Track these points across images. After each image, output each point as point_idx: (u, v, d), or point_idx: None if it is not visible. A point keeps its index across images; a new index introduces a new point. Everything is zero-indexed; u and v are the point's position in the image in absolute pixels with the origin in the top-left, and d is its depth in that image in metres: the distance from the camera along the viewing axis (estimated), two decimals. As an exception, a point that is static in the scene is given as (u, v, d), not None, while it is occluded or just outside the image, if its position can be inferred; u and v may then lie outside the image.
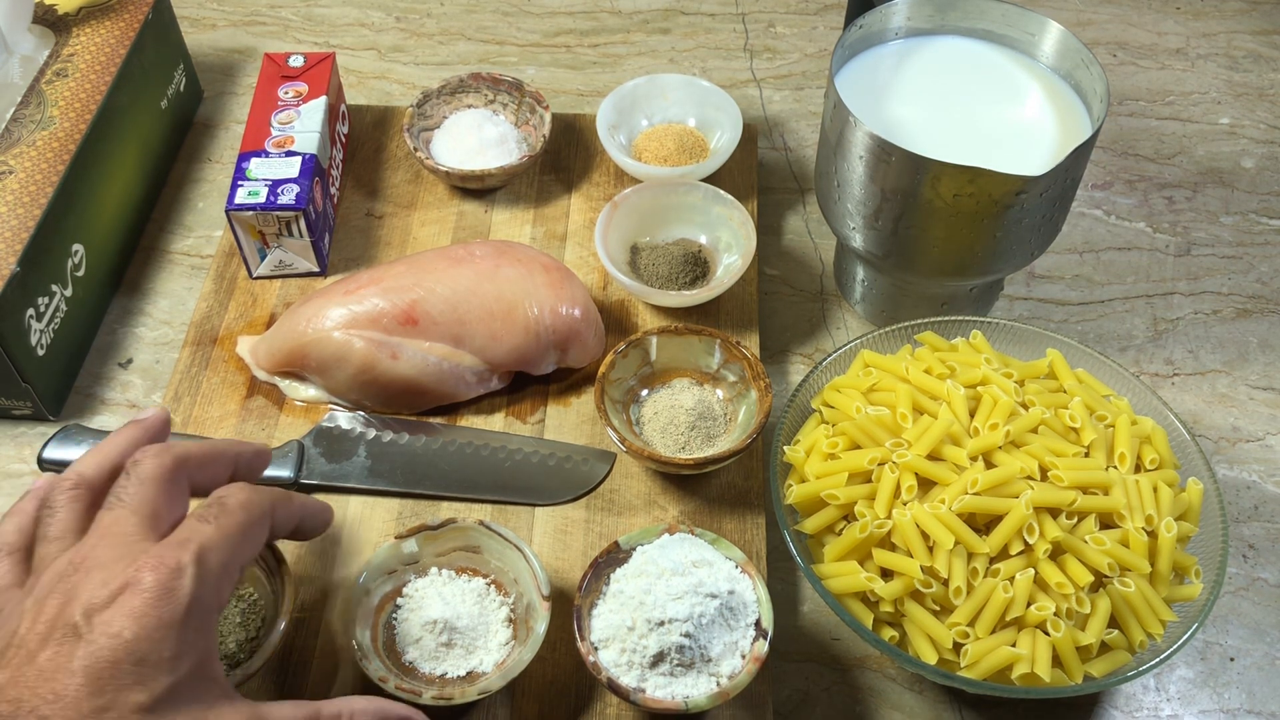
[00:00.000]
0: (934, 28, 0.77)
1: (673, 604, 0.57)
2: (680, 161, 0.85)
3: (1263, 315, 0.84)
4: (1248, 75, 1.03)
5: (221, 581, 0.44)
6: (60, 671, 0.40)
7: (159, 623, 0.41)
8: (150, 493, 0.46)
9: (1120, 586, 0.58)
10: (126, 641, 0.40)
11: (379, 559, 0.61)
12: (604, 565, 0.61)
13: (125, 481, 0.47)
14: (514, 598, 0.62)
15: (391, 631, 0.61)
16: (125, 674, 0.40)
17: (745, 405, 0.70)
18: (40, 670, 0.40)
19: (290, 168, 0.78)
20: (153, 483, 0.47)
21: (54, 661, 0.40)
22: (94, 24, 0.85)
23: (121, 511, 0.46)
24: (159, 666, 0.41)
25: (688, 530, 0.62)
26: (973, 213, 0.67)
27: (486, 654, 0.60)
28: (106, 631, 0.41)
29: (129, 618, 0.41)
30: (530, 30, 1.06)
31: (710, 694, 0.56)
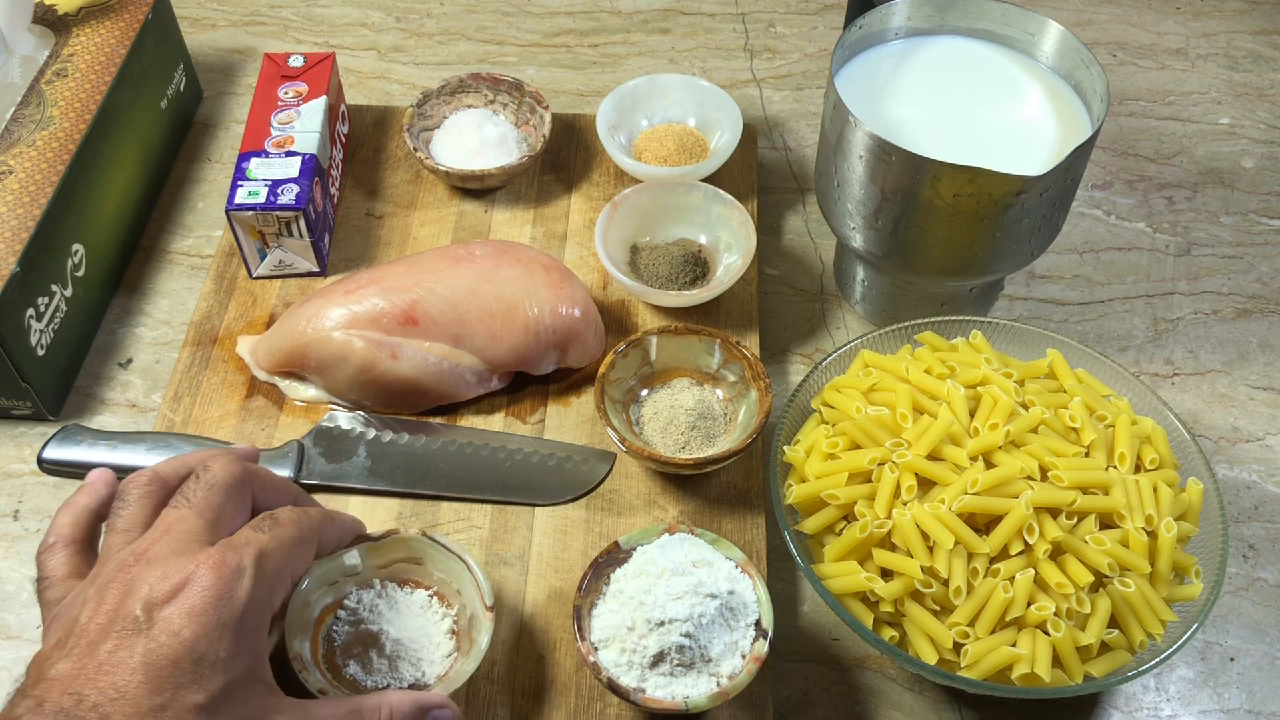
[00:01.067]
0: (934, 28, 0.77)
1: (673, 604, 0.57)
2: (680, 161, 0.85)
3: (1263, 315, 0.84)
4: (1248, 75, 1.03)
5: (276, 588, 0.45)
6: (121, 666, 0.40)
7: (217, 623, 0.42)
8: (216, 498, 0.47)
9: (1120, 586, 0.58)
10: (185, 640, 0.41)
11: (319, 570, 0.59)
12: (604, 565, 0.61)
13: (194, 484, 0.48)
14: (457, 609, 0.61)
15: (332, 644, 0.60)
16: (184, 673, 0.41)
17: (745, 405, 0.70)
18: (101, 664, 0.41)
19: (290, 168, 0.78)
20: (220, 489, 0.48)
21: (115, 655, 0.41)
22: (94, 24, 0.85)
23: (187, 511, 0.47)
24: (216, 666, 0.41)
25: (688, 530, 0.62)
26: (973, 213, 0.67)
27: (429, 666, 0.59)
28: (167, 629, 0.41)
29: (188, 616, 0.42)
30: (530, 30, 1.06)
31: (710, 694, 0.56)
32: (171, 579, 0.43)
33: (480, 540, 0.67)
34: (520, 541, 0.67)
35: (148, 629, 0.41)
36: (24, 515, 0.70)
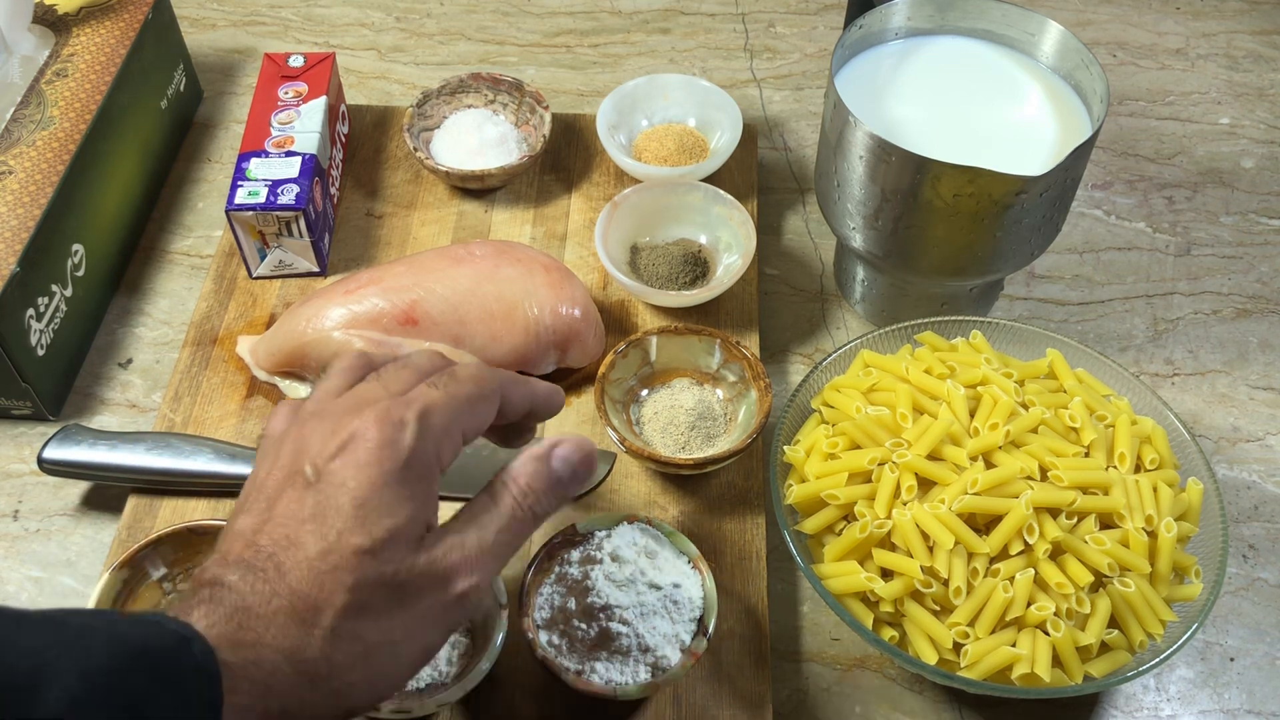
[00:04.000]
0: (934, 28, 0.77)
1: (615, 591, 0.58)
2: (680, 161, 0.85)
3: (1263, 315, 0.84)
4: (1248, 75, 1.03)
5: (443, 442, 0.46)
6: (292, 518, 0.43)
7: (380, 474, 0.43)
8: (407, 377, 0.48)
9: (1120, 586, 0.58)
10: (349, 491, 0.43)
11: None
12: (558, 546, 0.62)
13: (393, 365, 0.49)
14: None
15: None
16: (348, 520, 0.42)
17: (745, 405, 0.70)
18: (275, 516, 0.43)
19: (290, 168, 0.78)
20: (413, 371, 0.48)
21: (288, 509, 0.43)
22: (94, 24, 0.85)
23: (374, 384, 0.48)
24: (379, 513, 0.43)
25: (645, 521, 0.62)
26: (973, 213, 0.67)
27: (446, 665, 0.59)
28: (332, 482, 0.43)
29: (353, 469, 0.43)
30: (530, 30, 1.06)
31: (642, 684, 0.57)
32: (339, 435, 0.45)
33: (480, 540, 0.67)
34: (520, 541, 0.67)
35: (315, 483, 0.43)
36: (24, 515, 0.70)
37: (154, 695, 0.37)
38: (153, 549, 0.62)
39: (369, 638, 0.42)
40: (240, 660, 0.39)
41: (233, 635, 0.40)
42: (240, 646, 0.40)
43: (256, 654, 0.40)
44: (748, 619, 0.64)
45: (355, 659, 0.42)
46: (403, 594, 0.43)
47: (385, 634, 0.43)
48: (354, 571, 0.42)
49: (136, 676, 0.36)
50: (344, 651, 0.42)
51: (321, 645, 0.41)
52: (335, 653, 0.41)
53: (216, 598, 0.41)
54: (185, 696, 0.37)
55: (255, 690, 0.39)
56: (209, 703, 0.38)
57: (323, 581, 0.41)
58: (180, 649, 0.38)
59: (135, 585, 0.61)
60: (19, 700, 0.34)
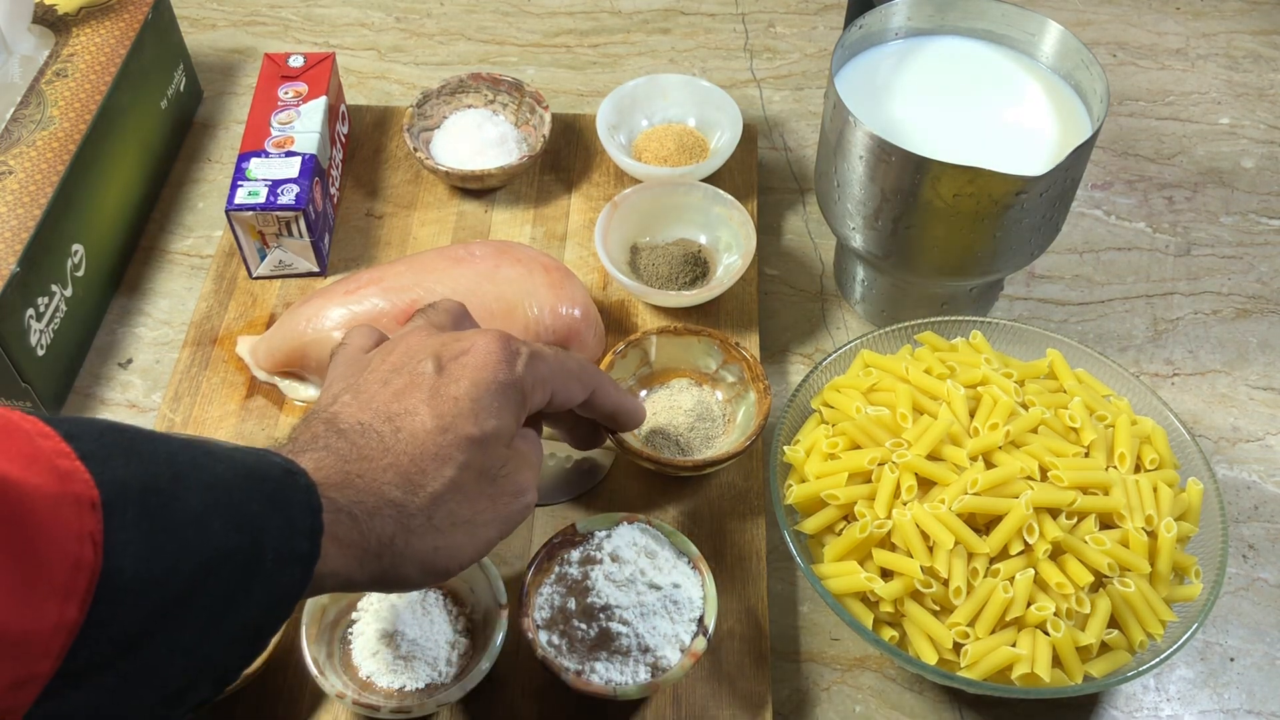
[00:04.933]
0: (934, 28, 0.77)
1: (615, 591, 0.58)
2: (680, 161, 0.85)
3: (1263, 315, 0.84)
4: (1248, 75, 1.03)
5: (538, 387, 0.51)
6: (410, 395, 0.48)
7: (493, 381, 0.49)
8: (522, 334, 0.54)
9: (1120, 586, 0.58)
10: (466, 386, 0.48)
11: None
12: (558, 546, 0.62)
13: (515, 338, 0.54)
14: (470, 607, 0.62)
15: (348, 646, 0.60)
16: (463, 409, 0.48)
17: (744, 407, 0.70)
18: (392, 393, 0.48)
19: (290, 168, 0.78)
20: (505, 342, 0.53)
21: (405, 389, 0.48)
22: (94, 24, 0.85)
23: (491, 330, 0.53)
24: (488, 411, 0.48)
25: (645, 521, 0.62)
26: (973, 213, 0.67)
27: (446, 665, 0.59)
28: (451, 375, 0.49)
29: (471, 370, 0.49)
30: (530, 30, 1.06)
31: (641, 684, 0.57)
32: (462, 343, 0.50)
33: (480, 540, 0.67)
34: (520, 542, 0.67)
35: (435, 374, 0.49)
36: (24, 515, 0.70)
37: (266, 514, 0.40)
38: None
39: (460, 512, 0.47)
40: (346, 500, 0.43)
41: (341, 479, 0.44)
42: (347, 488, 0.44)
43: (362, 498, 0.44)
44: (748, 619, 0.64)
45: (445, 526, 0.47)
46: (491, 485, 0.49)
47: (472, 513, 0.48)
48: (464, 452, 0.47)
49: (253, 495, 0.40)
50: (439, 517, 0.46)
51: (423, 504, 0.46)
52: (433, 515, 0.46)
53: (329, 447, 0.45)
54: (291, 519, 0.41)
55: (355, 528, 0.43)
56: (310, 530, 0.41)
57: (436, 453, 0.46)
58: (285, 479, 0.42)
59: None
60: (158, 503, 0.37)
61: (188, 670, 0.38)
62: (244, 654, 0.41)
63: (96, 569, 0.34)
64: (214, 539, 0.38)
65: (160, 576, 0.36)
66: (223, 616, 0.38)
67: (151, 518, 0.36)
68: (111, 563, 0.34)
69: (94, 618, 0.34)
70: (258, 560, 0.39)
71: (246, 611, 0.39)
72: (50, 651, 0.33)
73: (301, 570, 0.41)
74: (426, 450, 0.46)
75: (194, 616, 0.37)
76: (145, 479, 0.37)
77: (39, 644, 0.33)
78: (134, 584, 0.35)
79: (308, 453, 0.45)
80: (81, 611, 0.34)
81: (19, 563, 0.33)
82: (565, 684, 0.57)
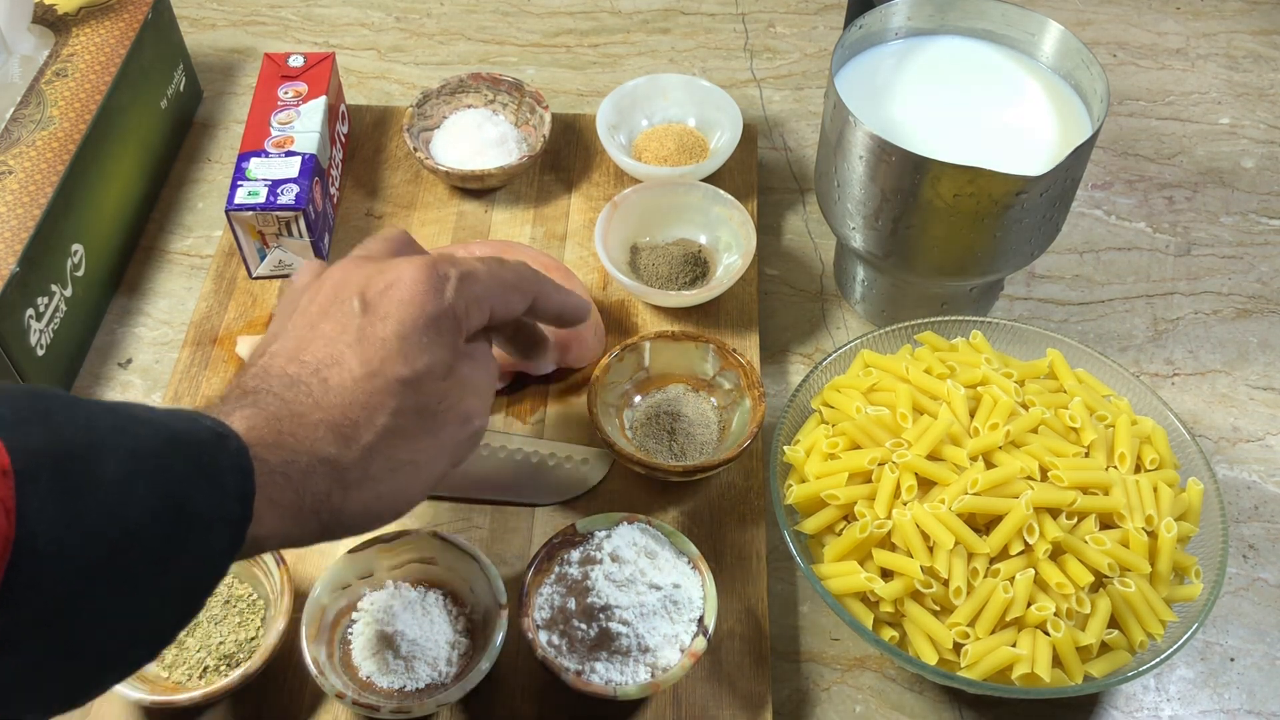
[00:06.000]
0: (934, 28, 0.77)
1: (615, 591, 0.58)
2: (680, 161, 0.85)
3: (1263, 315, 0.84)
4: (1248, 75, 1.03)
5: (473, 309, 0.50)
6: (338, 340, 0.47)
7: (421, 314, 0.47)
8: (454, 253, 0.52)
9: (1120, 587, 0.58)
10: (393, 323, 0.47)
11: (332, 574, 0.60)
12: (558, 546, 0.62)
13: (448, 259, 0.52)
14: (470, 607, 0.62)
15: (348, 646, 0.60)
16: (391, 350, 0.47)
17: (739, 413, 0.70)
18: (320, 336, 0.47)
19: (290, 168, 0.78)
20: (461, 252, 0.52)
21: (332, 332, 0.47)
22: (94, 24, 0.85)
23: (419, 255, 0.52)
24: (419, 348, 0.47)
25: (645, 521, 0.62)
26: (973, 213, 0.66)
27: (446, 665, 0.59)
28: (376, 313, 0.47)
29: (396, 305, 0.47)
30: (530, 30, 1.06)
31: (641, 684, 0.57)
32: (386, 275, 0.48)
33: (480, 540, 0.67)
34: (520, 541, 0.67)
35: (360, 314, 0.47)
36: (24, 515, 0.70)
37: (192, 479, 0.39)
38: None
39: (400, 456, 0.47)
40: (278, 460, 0.43)
41: (273, 438, 0.43)
42: (279, 448, 0.43)
43: (294, 456, 0.43)
44: (748, 619, 0.64)
45: (385, 473, 0.46)
46: (430, 422, 0.48)
47: (412, 454, 0.47)
48: (395, 397, 0.46)
49: (178, 461, 0.39)
50: (377, 465, 0.46)
51: (358, 457, 0.45)
52: (370, 465, 0.46)
53: (259, 404, 0.45)
54: (220, 484, 0.40)
55: (290, 488, 0.43)
56: (241, 494, 0.41)
57: (366, 402, 0.46)
58: (215, 443, 0.41)
59: (135, 585, 0.61)
60: (75, 470, 0.36)
61: (119, 635, 0.38)
62: (178, 616, 0.41)
63: (9, 536, 0.34)
64: (135, 505, 0.37)
65: (78, 544, 0.36)
66: (150, 582, 0.38)
67: (66, 485, 0.36)
68: (25, 529, 0.34)
69: (10, 584, 0.34)
70: (184, 525, 0.39)
71: (175, 576, 0.39)
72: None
73: (232, 533, 0.41)
74: (356, 400, 0.46)
75: (119, 582, 0.37)
76: (61, 446, 0.36)
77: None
78: (50, 551, 0.35)
79: (239, 411, 0.44)
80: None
81: None
82: (565, 684, 0.57)
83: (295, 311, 0.49)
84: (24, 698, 0.36)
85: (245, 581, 0.63)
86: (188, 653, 0.60)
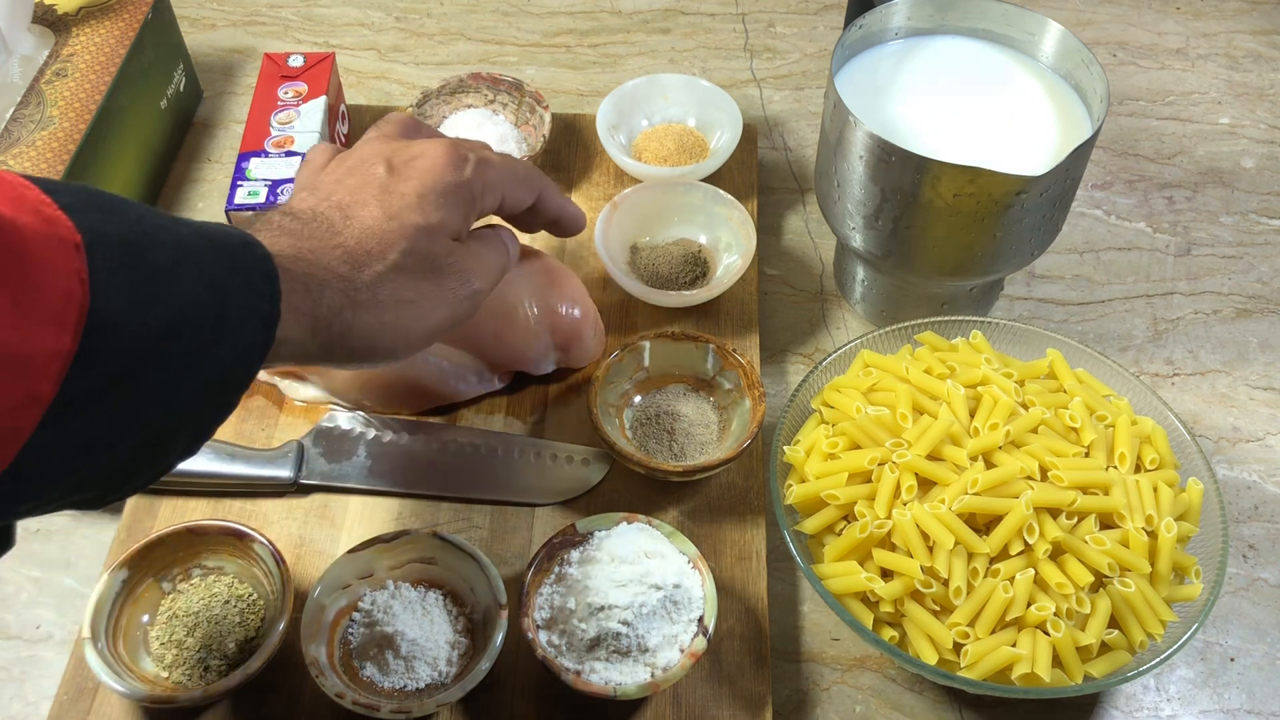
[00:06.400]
0: (934, 28, 0.77)
1: (616, 591, 0.58)
2: (680, 161, 0.85)
3: (1263, 315, 0.84)
4: (1248, 75, 1.03)
5: (487, 191, 0.55)
6: (362, 190, 0.52)
7: (441, 181, 0.53)
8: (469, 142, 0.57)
9: (1120, 587, 0.58)
10: (415, 184, 0.52)
11: (332, 574, 0.60)
12: (558, 546, 0.62)
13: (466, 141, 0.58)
14: (470, 607, 0.62)
15: (348, 647, 0.60)
16: (411, 203, 0.51)
17: (739, 413, 0.70)
18: (346, 188, 0.52)
19: (290, 168, 0.78)
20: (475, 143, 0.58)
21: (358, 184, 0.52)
22: (94, 24, 0.85)
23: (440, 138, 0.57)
24: (435, 205, 0.52)
25: (645, 521, 0.62)
26: (973, 213, 0.67)
27: (446, 665, 0.59)
28: (400, 175, 0.52)
29: (418, 172, 0.53)
30: (530, 30, 1.06)
31: (641, 684, 0.57)
32: (411, 149, 0.54)
33: (480, 540, 0.67)
34: (520, 541, 0.67)
35: (386, 175, 0.52)
36: (24, 515, 0.70)
37: (229, 275, 0.43)
38: (153, 549, 0.62)
39: (403, 293, 0.51)
40: (299, 270, 0.47)
41: (294, 254, 0.47)
42: (300, 262, 0.47)
43: (313, 270, 0.47)
44: (748, 619, 0.64)
45: (391, 303, 0.50)
46: (436, 272, 0.52)
47: (416, 294, 0.51)
48: (408, 239, 0.51)
49: (217, 259, 0.43)
50: (385, 293, 0.50)
51: (368, 281, 0.49)
52: (379, 291, 0.50)
53: (282, 228, 0.49)
54: (252, 283, 0.44)
55: (309, 297, 0.47)
56: (269, 294, 0.45)
57: (381, 238, 0.50)
58: (246, 248, 0.45)
59: (135, 585, 0.61)
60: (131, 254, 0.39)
61: (168, 414, 0.41)
62: (215, 410, 0.44)
63: (85, 305, 0.37)
64: (184, 293, 0.40)
65: (139, 321, 0.39)
66: (195, 367, 0.41)
67: (129, 267, 0.39)
68: (97, 301, 0.37)
69: (84, 350, 0.37)
70: (223, 318, 0.42)
71: (216, 366, 0.42)
72: (49, 375, 0.36)
73: (264, 330, 0.44)
74: (372, 234, 0.50)
75: (169, 363, 0.40)
76: (121, 232, 0.40)
77: (39, 366, 0.36)
78: (117, 323, 0.38)
79: (264, 232, 0.48)
80: (74, 342, 0.36)
81: (18, 289, 0.35)
82: (565, 684, 0.57)
83: (321, 173, 0.54)
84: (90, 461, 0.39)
85: (245, 581, 0.63)
86: (188, 653, 0.60)
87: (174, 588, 0.63)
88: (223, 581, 0.63)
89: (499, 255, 0.57)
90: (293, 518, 0.68)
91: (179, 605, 0.62)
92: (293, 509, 0.68)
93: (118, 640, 0.60)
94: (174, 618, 0.61)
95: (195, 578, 0.63)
